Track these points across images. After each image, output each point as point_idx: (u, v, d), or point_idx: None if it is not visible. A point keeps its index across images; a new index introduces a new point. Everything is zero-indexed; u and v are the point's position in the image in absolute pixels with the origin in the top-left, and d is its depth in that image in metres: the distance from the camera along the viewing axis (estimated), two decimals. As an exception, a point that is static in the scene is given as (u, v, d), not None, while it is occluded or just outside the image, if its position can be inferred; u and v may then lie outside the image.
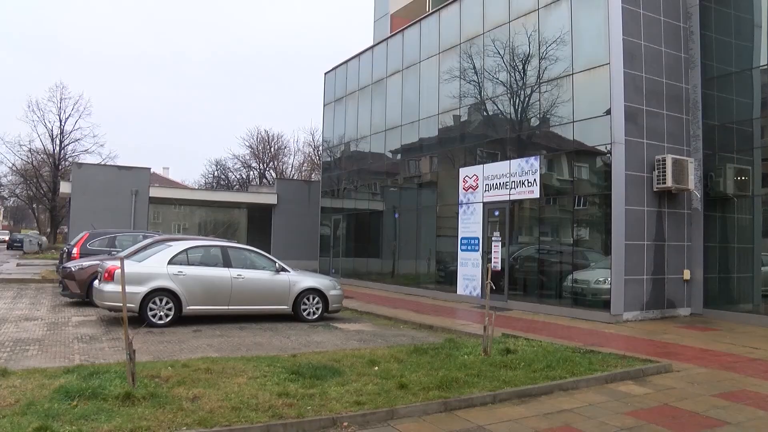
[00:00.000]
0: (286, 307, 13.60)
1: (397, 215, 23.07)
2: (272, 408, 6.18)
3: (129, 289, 10.84)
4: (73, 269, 15.29)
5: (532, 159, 16.22)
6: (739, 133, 15.25)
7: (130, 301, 11.44)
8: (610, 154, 14.23)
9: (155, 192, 31.83)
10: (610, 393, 7.65)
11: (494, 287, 9.80)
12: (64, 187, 33.41)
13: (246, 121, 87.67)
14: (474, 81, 18.78)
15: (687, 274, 15.44)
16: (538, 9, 16.44)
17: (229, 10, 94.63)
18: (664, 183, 14.48)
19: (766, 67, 14.73)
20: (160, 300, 12.14)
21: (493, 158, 17.82)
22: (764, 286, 14.47)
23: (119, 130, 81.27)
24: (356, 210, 26.52)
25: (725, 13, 15.81)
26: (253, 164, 57.98)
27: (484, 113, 18.68)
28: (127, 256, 13.01)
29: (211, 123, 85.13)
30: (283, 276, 13.64)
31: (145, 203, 30.31)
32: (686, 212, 15.58)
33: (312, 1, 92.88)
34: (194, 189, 48.92)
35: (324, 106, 29.27)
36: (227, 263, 13.11)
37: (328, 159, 29.58)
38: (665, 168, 14.47)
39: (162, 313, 12.11)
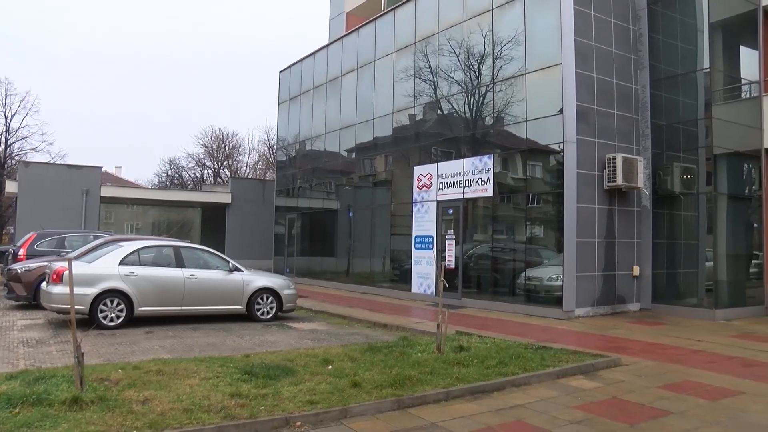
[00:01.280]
0: (239, 307, 13.48)
1: (351, 214, 23.04)
2: (225, 409, 6.11)
3: (78, 290, 10.64)
4: (19, 271, 14.85)
5: (485, 158, 16.37)
6: (685, 133, 15.63)
7: (80, 303, 11.19)
8: (563, 152, 14.45)
9: (107, 191, 31.17)
10: (562, 388, 7.77)
11: (447, 285, 9.87)
12: (10, 187, 32.43)
13: (201, 119, 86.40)
14: (429, 80, 18.87)
15: (636, 270, 15.78)
16: (492, 9, 16.59)
17: (182, 8, 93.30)
18: (615, 181, 14.76)
19: (708, 70, 15.15)
20: (111, 301, 11.89)
21: (447, 157, 17.93)
22: (708, 281, 14.89)
23: (70, 129, 79.41)
24: (311, 209, 26.40)
25: (671, 17, 16.21)
26: (208, 163, 57.24)
27: (439, 112, 18.78)
28: (77, 257, 12.70)
29: (165, 121, 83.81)
30: (236, 276, 13.52)
31: (97, 203, 29.65)
32: (636, 210, 15.92)
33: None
34: (147, 188, 48.05)
35: (279, 104, 29.07)
36: (180, 263, 12.94)
37: (283, 158, 29.41)
38: (616, 166, 14.75)
39: (113, 315, 11.86)
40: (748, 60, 16.39)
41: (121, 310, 11.96)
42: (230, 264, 13.62)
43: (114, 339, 10.77)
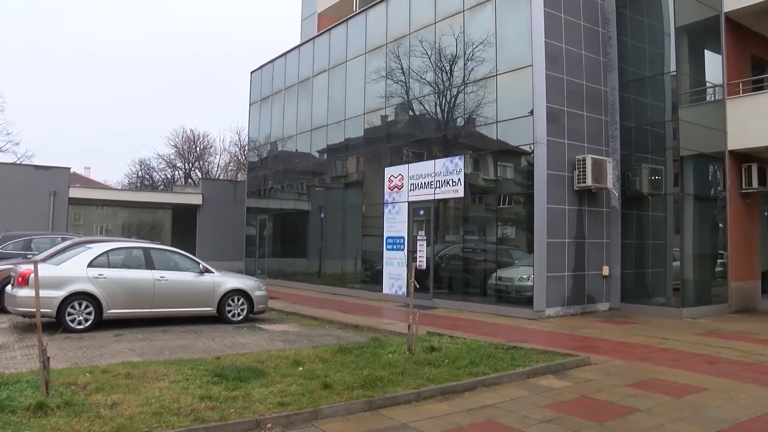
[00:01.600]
0: (210, 308, 13.38)
1: (322, 215, 22.99)
2: (194, 412, 6.06)
3: (45, 293, 10.48)
4: (-18, 274, 14.55)
5: (456, 159, 16.44)
6: (653, 135, 15.86)
7: (47, 306, 11.01)
8: (533, 153, 14.55)
9: (75, 193, 30.71)
10: (532, 387, 7.83)
11: (418, 286, 9.89)
12: (-27, 188, 31.81)
13: (171, 120, 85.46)
14: (401, 81, 18.90)
15: (606, 270, 15.97)
16: (464, 11, 16.67)
17: (153, 8, 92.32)
18: (585, 182, 14.92)
19: (674, 73, 15.39)
20: (80, 304, 11.71)
21: (419, 158, 17.97)
22: (675, 281, 15.10)
23: (37, 129, 78.08)
24: (282, 210, 26.29)
25: (639, 21, 16.44)
26: (179, 164, 56.64)
27: (411, 113, 18.82)
28: (44, 260, 12.51)
29: (135, 122, 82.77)
30: (207, 277, 13.42)
31: (65, 204, 29.17)
32: (605, 210, 16.10)
33: (239, 0, 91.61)
34: (117, 189, 47.39)
35: (250, 105, 28.92)
36: (150, 265, 12.80)
37: (255, 159, 29.26)
38: (585, 168, 14.91)
39: (81, 318, 11.69)
40: (713, 64, 16.69)
41: (89, 313, 11.78)
42: (201, 265, 13.52)
43: (82, 342, 10.60)
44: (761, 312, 16.14)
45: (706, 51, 16.99)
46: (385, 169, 19.04)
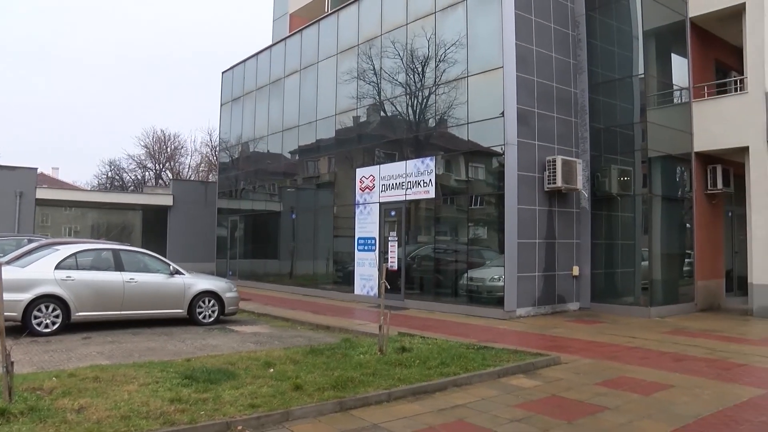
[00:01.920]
0: (181, 310, 13.27)
1: (294, 216, 22.91)
2: (164, 414, 5.99)
3: (10, 296, 10.30)
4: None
5: (428, 159, 16.49)
6: (622, 136, 16.06)
7: (12, 310, 10.82)
8: (504, 154, 14.65)
9: (43, 193, 30.20)
10: (503, 387, 7.87)
11: (389, 286, 9.89)
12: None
13: (142, 120, 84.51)
14: (373, 82, 18.91)
15: (576, 270, 16.13)
16: (435, 12, 16.73)
17: (124, 7, 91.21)
18: (555, 183, 15.05)
19: (642, 76, 15.61)
20: (47, 307, 11.51)
21: (390, 159, 17.99)
22: (644, 280, 15.31)
23: (3, 129, 76.73)
24: (254, 211, 26.15)
25: (609, 24, 16.65)
26: (149, 165, 56.05)
27: (382, 114, 18.84)
28: (9, 262, 12.29)
29: (105, 122, 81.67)
30: (177, 279, 13.31)
31: (31, 205, 28.68)
32: (575, 211, 16.27)
33: (210, 0, 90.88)
34: (86, 190, 46.70)
35: (221, 105, 28.74)
36: (119, 267, 12.66)
37: (226, 159, 29.06)
38: (555, 169, 15.05)
39: (48, 321, 11.50)
40: (679, 67, 16.98)
41: (56, 316, 11.60)
42: (171, 267, 13.41)
43: (49, 346, 10.43)
44: (725, 310, 16.44)
45: (672, 55, 17.26)
46: (357, 169, 19.03)
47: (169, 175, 54.63)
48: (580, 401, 7.20)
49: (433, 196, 16.33)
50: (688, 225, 16.76)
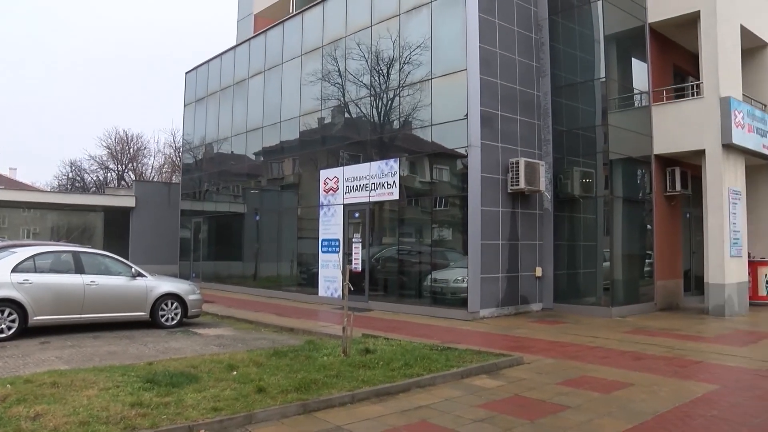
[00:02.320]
0: (143, 313, 13.12)
1: (257, 217, 22.78)
2: (124, 419, 5.90)
3: (-37, 300, 10.07)
4: None
5: (392, 161, 16.52)
6: (584, 139, 16.28)
7: (-35, 314, 10.59)
8: (467, 156, 14.74)
9: (0, 194, 29.61)
10: (466, 387, 7.91)
11: (352, 288, 9.90)
12: None
13: (104, 120, 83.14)
14: (337, 83, 18.88)
15: (539, 271, 16.29)
16: (400, 14, 16.77)
17: (87, 5, 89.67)
18: (518, 185, 15.18)
19: (604, 79, 15.85)
20: (2, 312, 11.25)
21: (355, 160, 17.99)
22: (605, 280, 15.53)
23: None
24: (218, 212, 25.93)
25: (571, 28, 16.87)
26: (111, 166, 55.18)
27: (347, 116, 18.82)
28: (-37, 265, 12.00)
29: (65, 122, 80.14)
30: (139, 281, 13.15)
31: (-12, 207, 28.14)
32: (538, 212, 16.43)
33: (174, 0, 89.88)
34: (46, 191, 45.82)
35: (185, 106, 28.43)
36: (80, 269, 12.45)
37: (189, 160, 28.74)
38: (518, 170, 15.18)
39: (4, 326, 11.23)
40: (639, 71, 17.26)
41: (13, 321, 11.35)
42: (133, 269, 13.26)
43: (4, 352, 10.19)
44: (683, 309, 16.77)
45: (633, 59, 17.53)
46: (321, 171, 18.98)
47: (132, 176, 53.90)
48: (542, 401, 7.28)
49: (397, 198, 16.36)
50: (648, 226, 17.04)
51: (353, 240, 17.54)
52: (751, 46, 18.17)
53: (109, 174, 55.28)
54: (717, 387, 7.97)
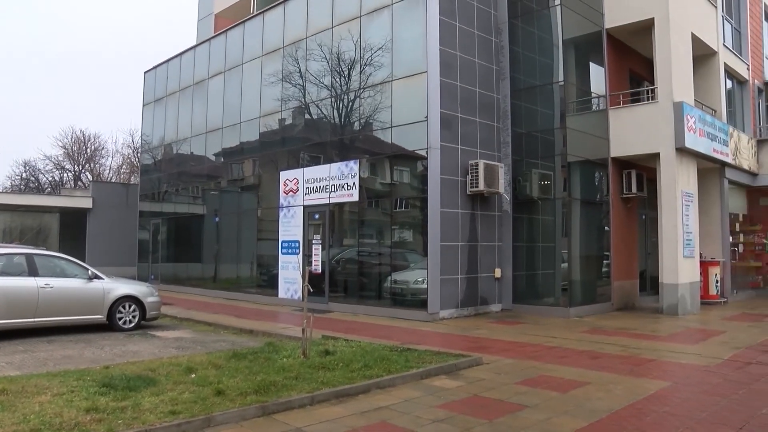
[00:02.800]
0: (100, 316, 12.94)
1: (217, 219, 22.58)
2: (79, 425, 5.80)
3: None
4: None
5: (351, 163, 16.53)
6: (542, 141, 16.49)
7: None
8: (427, 158, 14.81)
9: (-52, 195, 28.83)
10: (425, 388, 7.95)
11: (312, 290, 9.87)
12: None
13: (60, 120, 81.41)
14: (298, 85, 18.80)
15: (498, 273, 16.45)
16: (361, 16, 16.79)
17: (39, 1, 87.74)
18: (477, 186, 15.32)
19: (562, 83, 16.09)
20: (-50, 316, 11.02)
21: (315, 162, 17.95)
22: (563, 281, 15.76)
23: None
24: (177, 214, 25.61)
25: (530, 32, 17.08)
26: (67, 166, 54.11)
27: (308, 117, 18.75)
28: None
29: (19, 121, 78.33)
30: (96, 284, 12.96)
31: (-64, 208, 27.35)
32: (497, 214, 16.59)
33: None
34: (-3, 192, 44.76)
35: (143, 106, 28.02)
36: (33, 272, 12.21)
37: (148, 161, 28.34)
38: (478, 172, 15.31)
39: (-49, 331, 10.99)
40: (597, 76, 17.54)
41: (-39, 325, 11.10)
42: (89, 272, 13.07)
43: (-51, 358, 9.95)
44: (639, 309, 17.08)
45: (591, 63, 17.82)
46: (281, 172, 18.90)
47: (89, 176, 52.91)
48: (500, 400, 7.35)
49: (357, 199, 16.37)
50: (605, 228, 17.33)
51: (313, 241, 17.50)
52: (701, 54, 18.62)
53: (65, 174, 54.21)
54: (669, 384, 8.18)
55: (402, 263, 15.83)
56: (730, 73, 20.67)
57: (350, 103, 17.12)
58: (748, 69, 21.88)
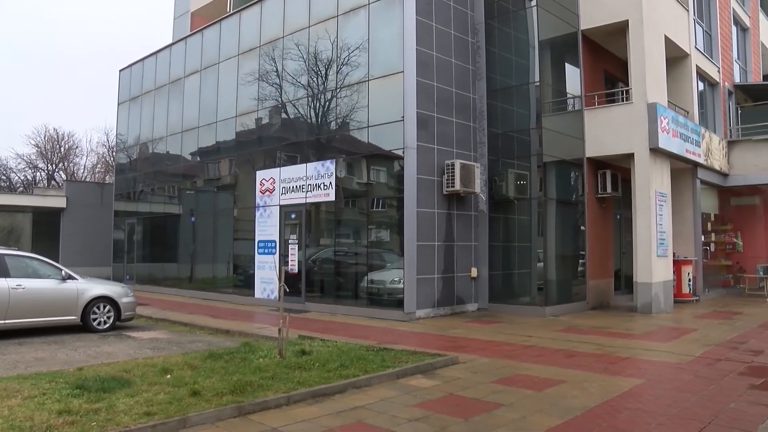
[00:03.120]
0: (74, 317, 12.80)
1: (193, 218, 22.44)
2: (50, 428, 5.73)
3: None
4: None
5: (328, 162, 16.52)
6: (518, 141, 16.59)
7: None
8: (404, 158, 14.83)
9: None
10: (401, 387, 7.97)
11: (288, 290, 9.86)
12: None
13: (33, 118, 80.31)
14: (275, 84, 18.74)
15: (474, 272, 16.52)
16: (338, 16, 16.77)
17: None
18: (454, 186, 15.37)
19: (538, 83, 16.22)
20: None
21: (292, 161, 17.90)
22: (539, 281, 15.88)
23: None
24: (152, 213, 25.38)
25: (507, 33, 17.18)
26: (41, 165, 53.40)
27: (284, 116, 18.70)
28: None
29: (-11, 119, 77.06)
30: (70, 284, 12.81)
31: None
32: (473, 214, 16.67)
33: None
34: (-32, 191, 44.05)
35: (119, 104, 27.74)
36: (4, 273, 12.01)
37: (124, 160, 28.03)
38: (454, 172, 15.37)
39: None
40: (572, 76, 17.71)
41: (-74, 329, 10.91)
42: (63, 272, 12.91)
43: None
44: (614, 307, 17.27)
45: (566, 64, 17.98)
46: (257, 172, 18.84)
47: (63, 175, 52.27)
48: (476, 399, 7.39)
49: (334, 199, 16.36)
50: (581, 227, 17.48)
51: (290, 241, 17.45)
52: (674, 56, 18.86)
53: (38, 173, 53.48)
54: (642, 381, 8.29)
55: (379, 263, 15.84)
56: (701, 75, 20.97)
57: (327, 103, 17.10)
58: (718, 71, 22.21)
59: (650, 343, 11.43)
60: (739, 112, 24.12)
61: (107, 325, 13.20)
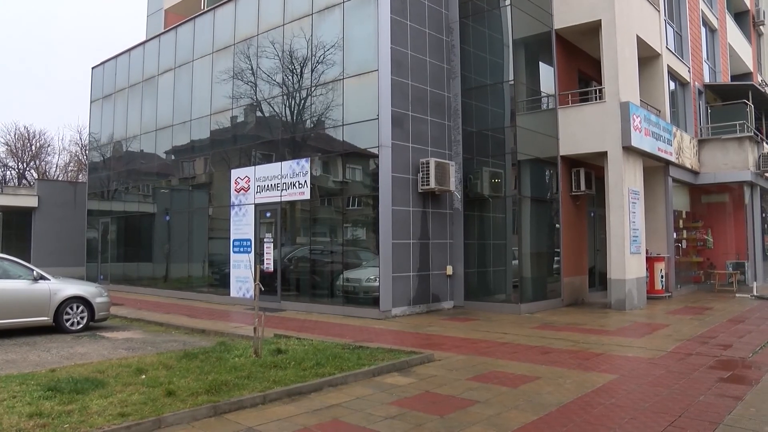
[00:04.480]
0: (46, 318, 12.65)
1: (168, 217, 22.26)
2: (21, 431, 5.67)
3: None
4: None
5: (303, 161, 16.48)
6: (493, 140, 16.68)
7: None
8: (378, 156, 14.86)
9: None
10: (377, 385, 7.99)
11: (264, 288, 9.86)
12: None
13: (2, 115, 79.02)
14: (250, 82, 18.65)
15: (450, 270, 16.60)
16: (312, 14, 16.73)
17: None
18: (428, 185, 15.42)
19: (512, 82, 16.32)
20: None
21: (267, 160, 17.83)
22: (514, 278, 15.98)
23: None
24: (126, 213, 25.13)
25: (481, 32, 17.26)
26: (11, 163, 52.61)
27: (259, 114, 18.62)
28: None
29: (-43, 117, 75.71)
30: (42, 285, 12.65)
31: None
32: (448, 212, 16.74)
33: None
34: (-65, 191, 43.24)
35: (91, 102, 27.41)
36: (-27, 274, 11.88)
37: (97, 159, 27.70)
38: (429, 170, 15.42)
39: None
40: (546, 75, 17.81)
41: None
42: (35, 272, 12.75)
43: None
44: (589, 304, 17.46)
45: (540, 63, 18.07)
46: (232, 170, 18.75)
47: (34, 174, 51.54)
48: (452, 396, 7.43)
49: (309, 198, 16.33)
50: (555, 225, 17.62)
51: (265, 240, 17.39)
52: (646, 56, 19.10)
53: (8, 172, 52.68)
54: (616, 377, 8.40)
55: (354, 261, 15.85)
56: (673, 75, 21.26)
57: (302, 101, 17.06)
58: (689, 71, 22.53)
59: (624, 339, 11.56)
60: (709, 111, 24.48)
61: (81, 325, 13.07)
